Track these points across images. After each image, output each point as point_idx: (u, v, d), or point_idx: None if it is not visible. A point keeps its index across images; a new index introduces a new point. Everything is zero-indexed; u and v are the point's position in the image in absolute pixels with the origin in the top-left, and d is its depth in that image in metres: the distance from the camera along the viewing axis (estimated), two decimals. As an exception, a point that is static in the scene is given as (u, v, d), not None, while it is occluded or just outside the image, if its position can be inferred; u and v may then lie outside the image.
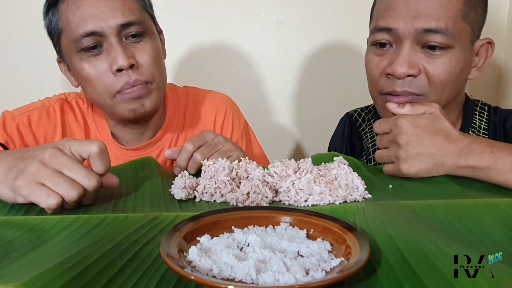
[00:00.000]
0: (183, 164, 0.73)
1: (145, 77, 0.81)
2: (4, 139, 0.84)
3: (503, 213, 0.50)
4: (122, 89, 0.80)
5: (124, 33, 0.80)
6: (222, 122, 0.99)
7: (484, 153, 0.62)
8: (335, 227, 0.43)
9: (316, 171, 0.61)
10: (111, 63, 0.78)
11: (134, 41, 0.81)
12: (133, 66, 0.79)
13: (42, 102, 0.91)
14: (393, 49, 0.79)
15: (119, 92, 0.80)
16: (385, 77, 0.80)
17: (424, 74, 0.77)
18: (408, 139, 0.65)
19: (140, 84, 0.80)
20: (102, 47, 0.79)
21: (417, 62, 0.76)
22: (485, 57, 0.81)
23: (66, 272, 0.34)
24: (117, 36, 0.78)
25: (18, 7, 1.23)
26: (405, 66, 0.76)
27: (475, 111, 0.90)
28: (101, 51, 0.79)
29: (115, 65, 0.78)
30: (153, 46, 0.83)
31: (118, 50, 0.78)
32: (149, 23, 0.85)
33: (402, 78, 0.77)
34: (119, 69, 0.78)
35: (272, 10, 1.31)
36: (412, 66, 0.76)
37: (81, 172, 0.54)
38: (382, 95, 0.82)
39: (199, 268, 0.36)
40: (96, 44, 0.78)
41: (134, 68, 0.80)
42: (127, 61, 0.78)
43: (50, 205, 0.52)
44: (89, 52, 0.79)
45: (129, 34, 0.80)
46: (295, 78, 1.37)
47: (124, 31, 0.79)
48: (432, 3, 0.75)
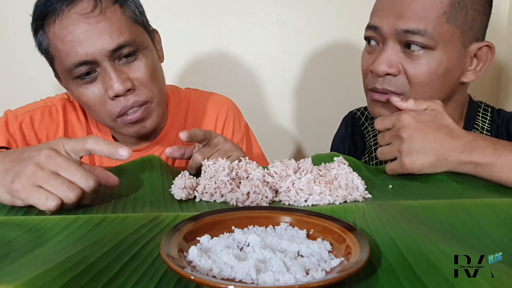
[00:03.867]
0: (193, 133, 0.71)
1: (144, 97, 0.80)
2: (7, 138, 0.83)
3: (503, 213, 0.50)
4: (120, 113, 0.79)
5: (116, 56, 0.77)
6: (223, 125, 0.99)
7: (488, 150, 0.62)
8: (335, 227, 0.43)
9: (316, 171, 0.61)
10: (107, 89, 0.77)
11: (128, 62, 0.79)
12: (130, 90, 0.78)
13: (45, 102, 0.91)
14: (380, 48, 0.81)
15: (119, 117, 0.80)
16: (370, 73, 0.82)
17: (404, 74, 0.78)
18: (411, 133, 0.65)
19: (138, 105, 0.79)
20: (96, 72, 0.77)
21: (397, 61, 0.78)
22: (484, 61, 0.81)
23: (66, 272, 0.34)
24: (109, 61, 0.76)
25: (18, 7, 1.23)
26: (384, 65, 0.78)
27: (478, 113, 0.90)
28: (95, 77, 0.78)
29: (111, 92, 0.76)
30: (148, 62, 0.80)
31: (113, 76, 0.76)
32: (141, 36, 0.81)
33: (381, 76, 0.79)
34: (117, 95, 0.77)
35: (272, 10, 1.31)
36: (391, 65, 0.78)
37: (78, 173, 0.53)
38: (368, 90, 0.84)
39: (199, 268, 0.36)
40: (90, 70, 0.77)
41: (131, 91, 0.79)
42: (122, 86, 0.76)
43: (50, 208, 0.52)
44: (83, 79, 0.77)
45: (122, 56, 0.78)
46: (295, 78, 1.37)
47: (116, 54, 0.77)
48: (414, 5, 0.75)
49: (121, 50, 0.77)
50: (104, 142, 0.56)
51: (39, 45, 0.81)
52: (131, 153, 0.57)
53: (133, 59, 0.79)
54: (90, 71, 0.77)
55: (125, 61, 0.78)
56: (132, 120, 0.80)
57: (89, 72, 0.77)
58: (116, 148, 0.56)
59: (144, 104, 0.80)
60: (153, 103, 0.82)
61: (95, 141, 0.56)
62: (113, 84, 0.76)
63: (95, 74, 0.78)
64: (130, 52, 0.78)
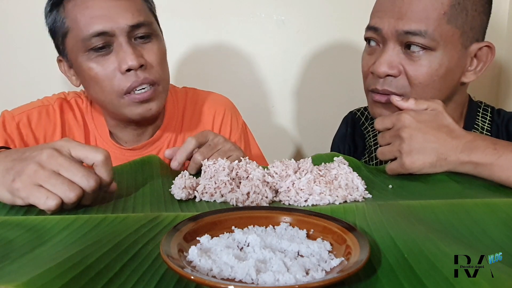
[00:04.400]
0: (181, 159, 0.73)
1: (153, 77, 0.81)
2: (4, 138, 0.84)
3: (503, 213, 0.50)
4: (130, 88, 0.80)
5: (133, 34, 0.80)
6: (220, 124, 0.99)
7: (488, 150, 0.62)
8: (335, 227, 0.43)
9: (316, 171, 0.61)
10: (120, 63, 0.79)
11: (142, 42, 0.82)
12: (142, 66, 0.80)
13: (42, 102, 0.91)
14: (380, 49, 0.81)
15: (127, 93, 0.80)
16: (371, 74, 0.82)
17: (404, 75, 0.78)
18: (411, 133, 0.65)
19: (148, 82, 0.81)
20: (111, 47, 0.79)
21: (398, 62, 0.78)
22: (484, 61, 0.81)
23: (66, 272, 0.34)
24: (127, 37, 0.79)
25: (18, 7, 1.24)
26: (384, 66, 0.78)
27: (478, 113, 0.90)
28: (110, 51, 0.79)
29: (125, 65, 0.78)
30: (160, 48, 0.84)
31: (128, 50, 0.78)
32: (155, 24, 0.86)
33: (382, 77, 0.79)
34: (129, 69, 0.79)
35: (272, 10, 1.31)
36: (392, 67, 0.78)
37: (79, 173, 0.53)
38: (369, 91, 0.84)
39: (199, 268, 0.36)
40: (105, 44, 0.79)
41: (143, 68, 0.80)
42: (137, 61, 0.78)
43: (50, 207, 0.52)
44: (97, 52, 0.79)
45: (137, 35, 0.81)
46: (295, 78, 1.37)
47: (133, 32, 0.80)
48: (414, 6, 0.75)
49: (139, 29, 0.80)
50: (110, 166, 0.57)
51: (52, 22, 0.82)
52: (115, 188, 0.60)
53: (148, 41, 0.82)
54: (105, 45, 0.79)
55: (140, 41, 0.81)
56: (140, 99, 0.81)
57: (104, 46, 0.79)
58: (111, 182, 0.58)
59: (153, 84, 0.82)
60: (160, 86, 0.84)
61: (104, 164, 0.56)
62: (128, 58, 0.78)
63: (109, 48, 0.79)
64: (145, 33, 0.81)
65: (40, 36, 1.32)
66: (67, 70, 0.87)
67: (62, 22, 0.80)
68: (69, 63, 0.85)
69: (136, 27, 0.79)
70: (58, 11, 0.81)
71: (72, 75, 0.87)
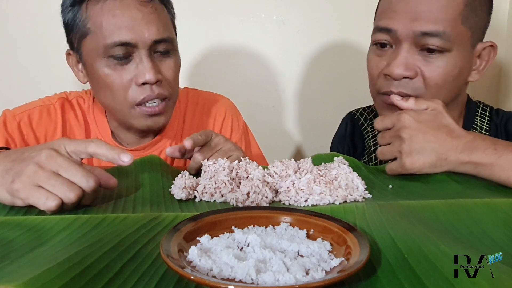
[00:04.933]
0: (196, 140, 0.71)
1: (167, 92, 0.82)
2: (5, 138, 0.84)
3: (503, 213, 0.50)
4: (143, 100, 0.80)
5: (154, 48, 0.80)
6: (221, 125, 1.00)
7: (488, 150, 0.62)
8: (335, 227, 0.43)
9: (316, 171, 0.61)
10: (137, 75, 0.79)
11: (161, 56, 0.82)
12: (159, 81, 0.80)
13: (43, 101, 0.91)
14: (392, 50, 0.79)
15: (139, 105, 0.81)
16: (383, 77, 0.80)
17: (421, 76, 0.77)
18: (412, 133, 0.65)
19: (161, 98, 0.81)
20: (131, 57, 0.79)
21: (414, 64, 0.77)
22: (487, 60, 0.81)
23: (66, 272, 0.34)
24: (148, 50, 0.79)
25: (18, 7, 1.23)
26: (401, 68, 0.76)
27: (477, 112, 0.90)
28: (128, 61, 0.79)
29: (142, 79, 0.78)
30: (177, 63, 0.86)
31: (148, 65, 0.79)
32: (176, 41, 0.87)
33: (398, 79, 0.78)
34: (145, 83, 0.79)
35: (272, 10, 1.31)
36: (409, 68, 0.77)
37: (78, 173, 0.53)
38: (380, 94, 0.82)
39: (199, 268, 0.36)
40: (125, 54, 0.79)
41: (158, 83, 0.81)
42: (154, 76, 0.79)
43: (50, 208, 0.52)
44: (117, 60, 0.79)
45: (158, 50, 0.81)
46: (295, 78, 1.37)
47: (155, 46, 0.80)
48: (431, 6, 0.75)
49: (161, 44, 0.81)
50: (106, 146, 0.57)
51: (71, 18, 0.81)
52: (133, 159, 0.58)
53: (167, 56, 0.83)
54: (125, 55, 0.79)
55: (159, 55, 0.82)
56: (150, 112, 0.81)
57: (123, 56, 0.79)
58: (119, 153, 0.57)
59: (165, 99, 0.82)
60: (171, 100, 0.85)
61: (97, 145, 0.56)
62: (147, 72, 0.78)
63: (129, 58, 0.79)
64: (166, 49, 0.82)
65: (40, 36, 1.32)
66: (75, 64, 0.87)
67: (83, 22, 0.79)
68: (78, 59, 0.84)
69: (159, 42, 0.80)
70: (80, 9, 0.79)
71: (80, 70, 0.86)
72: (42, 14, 1.23)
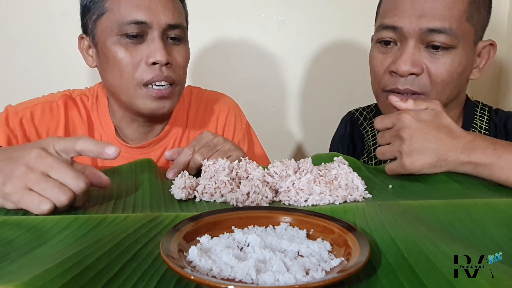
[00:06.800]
0: (179, 168, 0.72)
1: (175, 77, 0.83)
2: (7, 134, 0.83)
3: (503, 213, 0.50)
4: (150, 80, 0.81)
5: (167, 33, 0.82)
6: (224, 124, 1.00)
7: (488, 150, 0.62)
8: (335, 227, 0.43)
9: (316, 171, 0.61)
10: (149, 55, 0.80)
11: (173, 43, 0.84)
12: (168, 64, 0.81)
13: (46, 98, 0.91)
14: (397, 47, 0.80)
15: (146, 85, 0.81)
16: (388, 74, 0.81)
17: (427, 73, 0.78)
18: (412, 133, 0.65)
19: (169, 81, 0.82)
20: (144, 37, 0.81)
21: (420, 61, 0.77)
22: (487, 59, 0.82)
23: (66, 272, 0.34)
24: (162, 33, 0.81)
25: (18, 7, 1.24)
26: (408, 65, 0.77)
27: (476, 112, 0.90)
28: (141, 41, 0.81)
29: (153, 58, 0.80)
30: (187, 52, 0.87)
31: (160, 45, 0.80)
32: (187, 31, 0.89)
33: (405, 76, 0.78)
34: (155, 63, 0.80)
35: (272, 10, 1.31)
36: (415, 65, 0.77)
37: (68, 174, 0.52)
38: (384, 92, 0.82)
39: (199, 268, 0.36)
40: (139, 34, 0.80)
41: (168, 66, 0.82)
42: (165, 57, 0.80)
43: (43, 212, 0.51)
44: (130, 38, 0.80)
45: (170, 36, 0.83)
46: (295, 78, 1.37)
47: (169, 31, 0.82)
48: (437, 3, 0.75)
49: (174, 30, 0.83)
50: (93, 141, 0.55)
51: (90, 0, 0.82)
52: (118, 152, 0.55)
53: (178, 43, 0.85)
54: (138, 34, 0.80)
55: (171, 41, 0.84)
56: (157, 94, 0.82)
57: (137, 35, 0.80)
58: (103, 146, 0.55)
59: (173, 83, 0.83)
60: (178, 87, 0.86)
61: (85, 141, 0.55)
62: (158, 52, 0.80)
63: (142, 38, 0.81)
64: (178, 36, 0.84)
65: (40, 36, 1.32)
66: (86, 49, 0.87)
67: (102, 2, 0.81)
68: (90, 43, 0.85)
69: (172, 27, 0.82)
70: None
71: (89, 55, 0.87)
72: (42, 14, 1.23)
